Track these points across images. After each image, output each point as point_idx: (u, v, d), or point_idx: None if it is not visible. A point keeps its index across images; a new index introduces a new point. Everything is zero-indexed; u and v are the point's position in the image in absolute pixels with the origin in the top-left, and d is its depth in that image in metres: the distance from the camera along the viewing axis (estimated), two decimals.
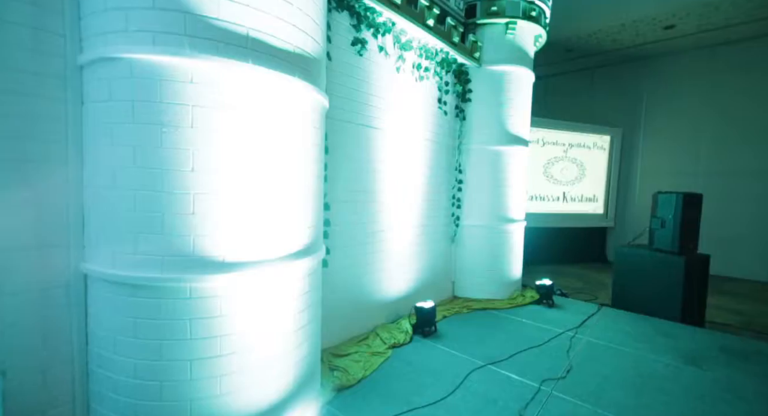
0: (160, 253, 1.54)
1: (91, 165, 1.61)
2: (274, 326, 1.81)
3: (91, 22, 1.56)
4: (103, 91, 1.54)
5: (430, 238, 4.00)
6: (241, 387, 1.70)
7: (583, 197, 8.35)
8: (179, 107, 1.51)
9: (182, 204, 1.54)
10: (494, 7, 4.01)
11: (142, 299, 1.56)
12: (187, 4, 1.48)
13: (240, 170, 1.63)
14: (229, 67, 1.56)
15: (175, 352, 1.57)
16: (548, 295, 4.28)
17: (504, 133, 4.26)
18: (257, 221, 1.70)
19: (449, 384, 2.48)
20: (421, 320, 3.34)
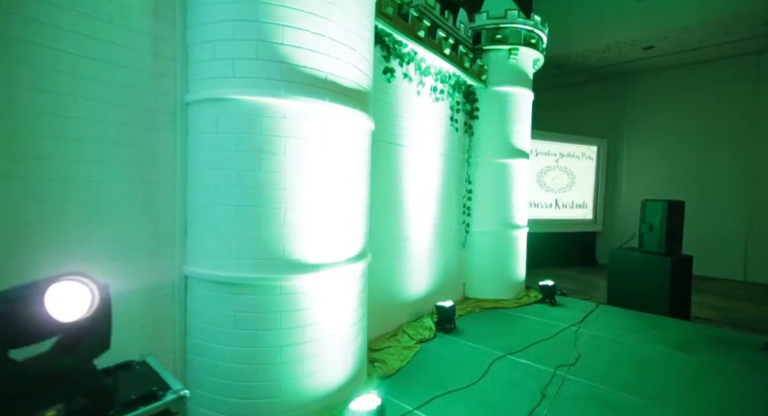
0: (256, 257, 1.87)
1: (196, 185, 1.93)
2: (340, 318, 2.14)
3: (199, 68, 1.89)
4: (211, 124, 1.87)
5: (444, 244, 4.37)
6: (318, 369, 2.02)
7: (574, 203, 8.88)
8: (275, 137, 1.85)
9: (276, 217, 1.87)
10: (499, 35, 4.48)
11: (241, 296, 1.87)
12: (283, 55, 1.83)
13: (317, 187, 1.98)
14: (312, 105, 1.91)
15: (268, 340, 1.88)
16: (551, 295, 4.69)
17: (508, 147, 4.70)
18: (329, 228, 2.04)
19: (476, 372, 2.83)
20: (442, 318, 3.69)
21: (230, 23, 1.80)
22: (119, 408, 1.17)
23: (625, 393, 2.55)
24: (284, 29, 1.82)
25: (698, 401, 2.49)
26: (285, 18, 1.82)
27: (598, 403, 2.44)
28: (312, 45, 1.89)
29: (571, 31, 7.59)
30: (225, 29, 1.81)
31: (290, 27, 1.83)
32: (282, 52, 1.83)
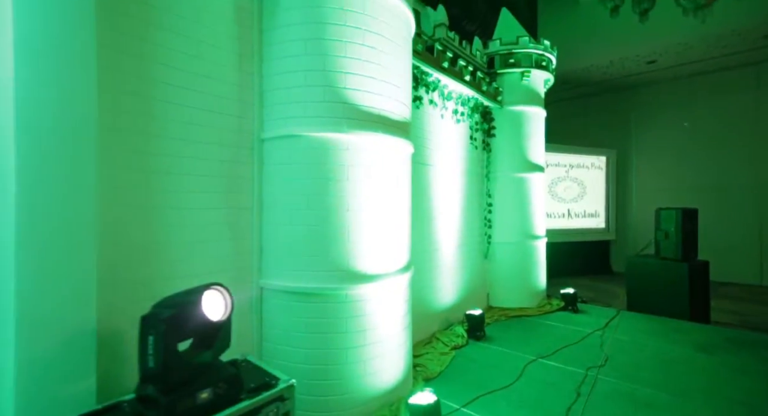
0: (325, 269, 2.15)
1: (271, 209, 2.24)
2: (394, 323, 2.40)
3: (274, 110, 2.23)
4: (284, 157, 2.20)
5: (468, 255, 4.61)
6: (377, 370, 2.27)
7: (586, 213, 9.06)
8: (340, 166, 2.17)
9: (341, 234, 2.17)
10: (512, 59, 4.84)
11: (311, 304, 2.15)
12: (345, 97, 2.17)
13: (373, 207, 2.27)
14: (369, 137, 2.23)
15: (336, 342, 2.15)
16: (573, 302, 4.88)
17: (524, 162, 4.99)
18: (383, 243, 2.32)
19: (512, 374, 3.04)
20: (472, 325, 3.91)
21: (301, 73, 2.15)
22: (246, 394, 1.44)
23: (653, 390, 2.74)
24: (346, 76, 2.16)
25: (723, 396, 2.67)
26: (346, 66, 2.16)
27: (629, 400, 2.63)
28: (368, 87, 2.23)
29: (577, 49, 7.97)
30: (297, 78, 2.15)
31: (350, 73, 2.17)
32: (344, 94, 2.16)
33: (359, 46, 2.18)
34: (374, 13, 2.24)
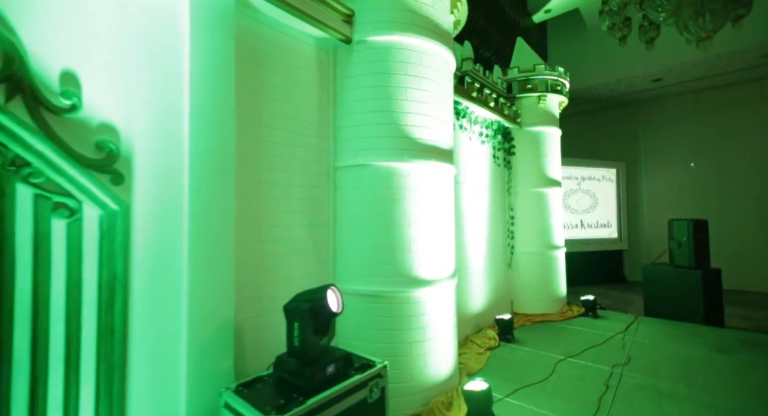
0: (391, 275, 2.57)
1: (344, 225, 2.68)
2: (445, 323, 2.79)
3: (346, 143, 2.70)
4: (355, 182, 2.65)
5: (493, 264, 4.99)
6: (434, 362, 2.66)
7: (599, 223, 9.36)
8: (402, 189, 2.61)
9: (403, 246, 2.59)
10: (529, 85, 5.32)
11: (379, 305, 2.56)
12: (406, 132, 2.62)
13: (428, 222, 2.70)
14: (425, 165, 2.68)
15: (400, 337, 2.54)
16: (592, 308, 5.20)
17: (543, 177, 5.40)
18: (436, 253, 2.74)
19: (544, 371, 3.38)
20: (502, 329, 4.26)
21: (370, 113, 2.61)
22: (354, 371, 1.84)
23: (674, 384, 3.07)
24: (406, 115, 2.62)
25: (738, 389, 2.99)
26: (406, 107, 2.63)
27: (654, 391, 2.96)
28: (423, 123, 2.69)
29: (584, 68, 8.46)
30: (366, 117, 2.62)
31: (410, 113, 2.64)
32: (405, 130, 2.62)
33: (416, 90, 2.65)
34: (428, 63, 2.72)
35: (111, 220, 1.58)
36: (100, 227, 1.57)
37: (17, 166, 1.37)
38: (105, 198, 1.55)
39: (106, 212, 1.57)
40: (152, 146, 1.73)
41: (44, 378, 1.41)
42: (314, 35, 2.61)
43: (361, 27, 2.62)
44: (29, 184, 1.40)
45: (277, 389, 1.69)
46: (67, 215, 1.49)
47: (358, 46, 2.64)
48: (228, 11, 1.99)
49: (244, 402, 1.59)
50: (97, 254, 1.56)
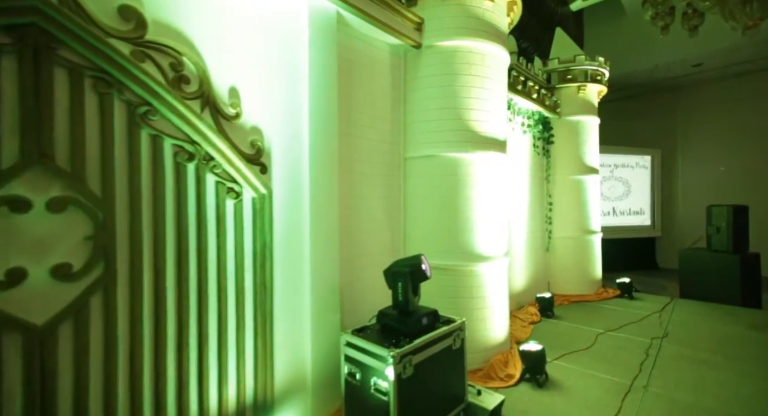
0: (456, 251, 2.97)
1: (413, 209, 3.10)
2: (499, 294, 3.18)
3: (415, 137, 3.09)
4: (423, 170, 3.04)
5: (532, 248, 5.30)
6: (492, 327, 3.07)
7: (631, 210, 9.38)
8: (465, 176, 2.98)
9: (468, 226, 2.98)
10: (569, 76, 5.49)
11: (446, 277, 2.97)
12: (469, 126, 2.98)
13: (487, 205, 3.07)
14: (485, 155, 3.03)
15: (464, 304, 2.95)
16: (628, 290, 5.44)
17: (581, 165, 5.61)
18: (494, 232, 3.11)
19: (586, 341, 3.72)
20: (542, 306, 4.61)
21: (437, 110, 2.98)
22: (439, 324, 2.27)
23: (711, 355, 3.36)
24: (470, 111, 2.98)
25: None
26: (470, 104, 2.98)
27: (692, 360, 3.26)
28: (484, 117, 3.03)
29: (621, 55, 8.39)
30: (433, 114, 2.99)
31: (473, 109, 2.98)
32: (469, 124, 2.98)
33: (479, 89, 2.99)
34: (488, 63, 3.04)
35: (261, 201, 2.04)
36: (254, 206, 2.04)
37: (206, 160, 1.84)
38: (258, 184, 2.01)
39: (258, 195, 2.03)
40: (283, 143, 2.17)
41: (225, 319, 1.91)
42: (389, 42, 2.98)
43: (430, 33, 2.97)
44: (214, 173, 1.87)
45: (384, 333, 2.14)
46: (235, 197, 1.96)
47: (427, 51, 3.00)
48: (333, 30, 2.39)
49: (364, 341, 2.05)
50: (252, 227, 2.03)
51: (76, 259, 1.44)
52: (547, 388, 2.80)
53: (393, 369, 1.86)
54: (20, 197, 1.32)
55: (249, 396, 1.98)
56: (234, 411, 1.92)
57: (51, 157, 1.38)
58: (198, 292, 1.80)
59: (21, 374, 1.31)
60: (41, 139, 1.36)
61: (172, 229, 1.72)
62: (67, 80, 1.43)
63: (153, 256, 1.65)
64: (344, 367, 2.15)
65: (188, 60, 1.75)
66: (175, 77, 1.71)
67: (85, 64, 1.46)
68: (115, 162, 1.54)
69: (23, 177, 1.33)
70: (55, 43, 1.38)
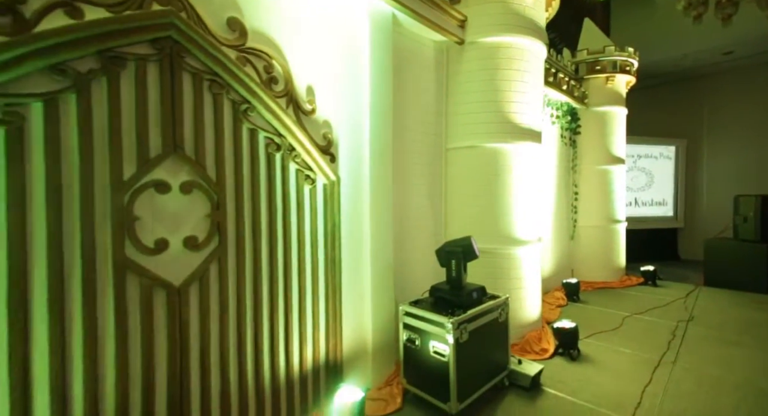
0: (495, 235, 3.20)
1: (453, 196, 3.32)
2: (533, 276, 3.40)
3: (456, 128, 3.29)
4: (463, 160, 3.25)
5: (557, 236, 5.46)
6: (526, 305, 3.30)
7: (653, 201, 9.35)
8: (504, 165, 3.18)
9: (506, 211, 3.19)
10: (598, 66, 5.55)
11: (486, 259, 3.19)
12: (509, 118, 3.16)
13: (524, 193, 3.27)
14: (523, 145, 3.22)
15: (501, 285, 3.19)
16: (652, 278, 5.57)
17: (607, 155, 5.70)
18: (529, 219, 3.32)
19: (613, 323, 3.92)
20: (569, 291, 4.81)
21: (478, 103, 3.17)
22: (485, 298, 2.52)
23: (740, 336, 3.51)
24: (510, 103, 3.16)
25: None
26: (510, 97, 3.16)
27: (718, 340, 3.44)
28: (523, 110, 3.21)
29: (648, 43, 8.27)
30: (474, 107, 3.19)
31: (513, 102, 3.17)
32: (509, 117, 3.16)
33: (519, 82, 3.17)
34: (528, 58, 3.21)
35: (331, 187, 2.31)
36: (324, 192, 2.31)
37: (290, 150, 2.11)
38: (329, 172, 2.27)
39: (329, 182, 2.30)
40: (348, 135, 2.42)
41: (304, 289, 2.20)
42: (434, 39, 3.17)
43: (473, 30, 3.15)
44: (295, 162, 2.14)
45: (437, 305, 2.40)
46: (310, 184, 2.23)
47: (470, 47, 3.18)
48: (389, 30, 2.61)
49: (422, 310, 2.31)
50: (323, 210, 2.30)
51: (200, 233, 1.73)
52: (580, 362, 3.03)
53: (452, 334, 2.12)
54: (163, 180, 1.61)
55: (322, 357, 2.28)
56: (310, 368, 2.22)
57: (182, 148, 1.66)
58: (284, 265, 2.09)
59: (165, 323, 1.62)
60: (175, 133, 1.64)
61: (265, 211, 2.00)
62: (191, 84, 1.70)
63: (252, 233, 1.94)
64: (403, 334, 2.43)
65: (277, 63, 2.01)
66: (268, 78, 1.97)
67: (203, 69, 1.73)
68: (225, 152, 1.82)
69: (163, 165, 1.61)
70: (183, 53, 1.65)
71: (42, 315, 1.32)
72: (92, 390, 1.42)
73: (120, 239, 1.49)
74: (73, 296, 1.38)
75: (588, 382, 2.69)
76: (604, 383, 2.68)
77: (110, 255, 1.47)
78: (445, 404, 2.16)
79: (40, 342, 1.32)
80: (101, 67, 1.43)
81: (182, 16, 1.61)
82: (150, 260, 1.57)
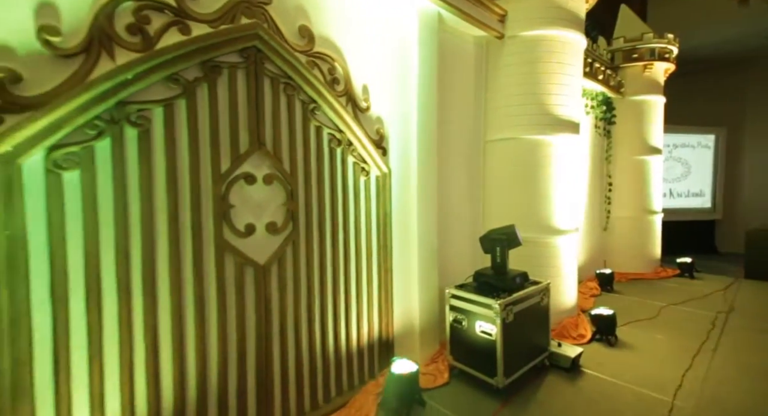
0: (534, 224, 3.30)
1: (491, 187, 3.45)
2: (570, 265, 3.49)
3: (494, 122, 3.40)
4: (502, 152, 3.36)
5: (589, 226, 5.46)
6: (563, 292, 3.41)
7: (690, 192, 9.04)
8: (544, 157, 3.27)
9: (546, 202, 3.29)
10: (635, 54, 5.44)
11: (529, 247, 3.30)
12: (549, 111, 3.24)
13: (563, 183, 3.35)
14: (562, 137, 3.29)
15: (539, 272, 3.29)
16: (689, 270, 5.49)
17: (644, 145, 5.61)
18: (567, 209, 3.40)
19: (650, 313, 3.95)
20: (602, 281, 4.84)
21: (518, 96, 3.26)
22: (527, 284, 2.65)
23: None
24: (550, 96, 3.23)
25: None
26: (550, 90, 3.22)
27: (759, 330, 3.43)
28: (561, 102, 3.27)
29: (687, 28, 7.93)
30: (514, 100, 3.28)
31: (553, 94, 3.23)
32: (549, 109, 3.24)
33: (559, 75, 3.23)
34: (569, 50, 3.26)
35: (383, 178, 2.49)
36: (377, 183, 2.49)
37: (348, 145, 2.30)
38: (381, 164, 2.46)
39: (381, 173, 2.48)
40: (397, 130, 2.59)
41: (360, 272, 2.41)
42: (474, 34, 3.27)
43: (513, 24, 3.22)
44: (353, 156, 2.33)
45: (481, 289, 2.56)
46: (365, 175, 2.42)
47: (510, 41, 3.26)
48: (435, 29, 2.74)
49: (468, 293, 2.48)
50: (376, 199, 2.49)
51: (278, 219, 1.96)
52: (618, 347, 3.12)
53: (500, 315, 2.28)
54: (250, 173, 1.84)
55: (376, 333, 2.50)
56: (366, 343, 2.44)
57: (264, 144, 1.88)
58: (344, 249, 2.30)
59: (253, 296, 1.86)
60: (260, 132, 1.86)
61: (328, 201, 2.21)
62: (270, 87, 1.91)
63: (318, 221, 2.16)
64: (449, 315, 2.61)
65: (338, 65, 2.19)
66: (331, 80, 2.16)
67: (280, 74, 1.93)
68: (297, 148, 2.03)
69: (250, 160, 1.84)
70: (265, 60, 1.86)
71: (165, 286, 1.58)
72: (201, 350, 1.68)
73: (219, 224, 1.73)
74: (186, 273, 1.64)
75: (627, 366, 2.79)
76: (644, 367, 2.78)
77: (212, 238, 1.71)
78: (492, 378, 2.33)
79: (164, 310, 1.58)
80: (204, 75, 1.66)
81: (264, 26, 1.81)
82: (241, 242, 1.81)
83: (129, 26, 1.43)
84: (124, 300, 1.46)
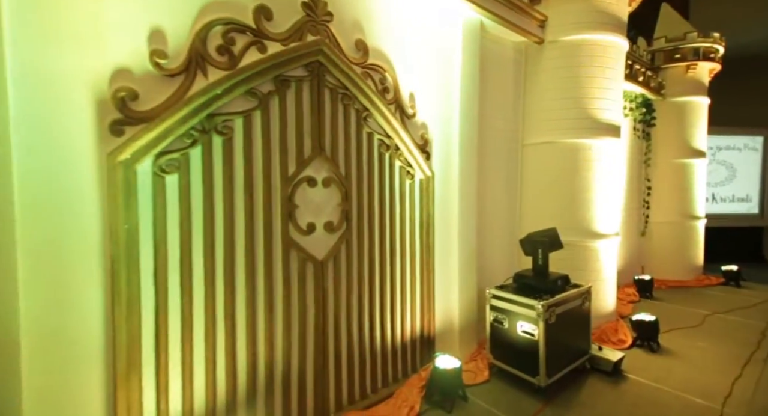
0: (574, 228, 3.30)
1: (529, 190, 3.48)
2: (610, 269, 3.46)
3: (533, 125, 3.44)
4: (540, 155, 3.39)
5: (627, 232, 5.32)
6: (603, 297, 3.39)
7: (735, 197, 8.58)
8: (584, 160, 3.27)
9: (586, 205, 3.29)
10: (677, 55, 5.28)
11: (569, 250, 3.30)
12: (590, 114, 3.24)
13: (603, 187, 3.34)
14: (603, 140, 3.28)
15: (582, 275, 3.29)
16: (735, 278, 5.24)
17: (686, 148, 5.42)
18: (607, 213, 3.38)
19: (694, 321, 3.83)
20: (641, 287, 4.73)
21: (559, 100, 3.29)
22: (568, 287, 2.68)
23: None
24: (591, 100, 3.23)
25: None
26: (592, 94, 3.23)
27: None
28: (602, 106, 3.27)
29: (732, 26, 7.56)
30: (555, 104, 3.31)
31: (594, 98, 3.24)
32: (590, 113, 3.24)
33: (601, 78, 3.23)
34: (611, 54, 3.25)
35: (427, 182, 2.61)
36: (421, 186, 2.61)
37: (395, 150, 2.43)
38: (425, 168, 2.57)
39: (425, 177, 2.60)
40: (440, 135, 2.70)
41: (404, 271, 2.53)
42: (513, 40, 3.33)
43: (554, 29, 3.26)
44: (399, 160, 2.46)
45: (522, 290, 2.61)
46: (410, 179, 2.54)
47: (550, 46, 3.29)
48: (478, 37, 2.83)
49: (509, 294, 2.55)
50: (419, 201, 2.61)
51: (334, 219, 2.12)
52: (660, 354, 3.08)
53: (542, 316, 2.34)
54: (312, 176, 2.00)
55: (418, 330, 2.61)
56: (409, 339, 2.56)
57: (324, 150, 2.05)
58: (390, 249, 2.43)
59: (313, 289, 2.03)
60: (320, 138, 2.02)
61: (377, 202, 2.35)
62: (329, 97, 2.07)
63: (368, 221, 2.30)
64: (490, 315, 2.68)
65: (388, 75, 2.33)
66: (382, 89, 2.30)
67: (338, 85, 2.09)
68: (351, 153, 2.19)
69: (312, 164, 2.01)
70: (326, 72, 2.02)
71: (241, 278, 1.77)
72: (270, 337, 1.86)
73: (286, 222, 1.90)
74: (258, 266, 1.82)
75: (671, 372, 2.76)
76: (689, 374, 2.73)
77: (279, 235, 1.89)
78: (534, 378, 2.39)
79: (240, 298, 1.77)
80: (276, 89, 1.84)
81: (327, 42, 1.98)
82: (304, 239, 1.97)
83: (218, 47, 1.63)
84: (209, 289, 1.66)
